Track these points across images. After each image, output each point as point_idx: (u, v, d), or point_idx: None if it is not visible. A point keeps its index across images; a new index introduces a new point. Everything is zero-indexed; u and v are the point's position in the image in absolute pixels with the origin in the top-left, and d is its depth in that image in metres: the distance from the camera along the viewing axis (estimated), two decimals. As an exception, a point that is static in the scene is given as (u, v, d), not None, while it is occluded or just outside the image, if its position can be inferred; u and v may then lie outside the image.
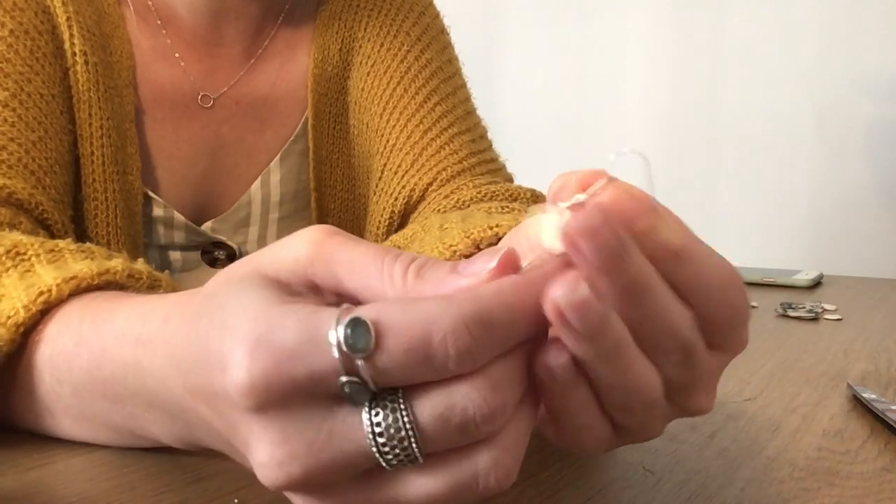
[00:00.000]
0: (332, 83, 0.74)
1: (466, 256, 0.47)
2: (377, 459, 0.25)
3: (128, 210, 0.65)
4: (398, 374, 0.24)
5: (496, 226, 0.48)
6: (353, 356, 0.24)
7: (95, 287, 0.39)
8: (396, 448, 0.25)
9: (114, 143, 0.64)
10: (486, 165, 0.72)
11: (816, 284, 0.94)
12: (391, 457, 0.25)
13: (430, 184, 0.69)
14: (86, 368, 0.35)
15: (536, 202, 0.64)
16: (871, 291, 0.90)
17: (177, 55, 0.69)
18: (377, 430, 0.25)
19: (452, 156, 0.70)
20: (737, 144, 1.66)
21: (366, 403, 0.25)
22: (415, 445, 0.25)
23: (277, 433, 0.25)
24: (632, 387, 0.27)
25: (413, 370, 0.24)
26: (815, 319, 0.73)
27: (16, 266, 0.41)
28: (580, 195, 0.27)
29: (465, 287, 0.26)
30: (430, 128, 0.71)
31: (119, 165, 0.65)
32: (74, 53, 0.62)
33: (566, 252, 0.25)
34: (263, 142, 0.72)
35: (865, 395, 0.47)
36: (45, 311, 0.38)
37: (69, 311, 0.37)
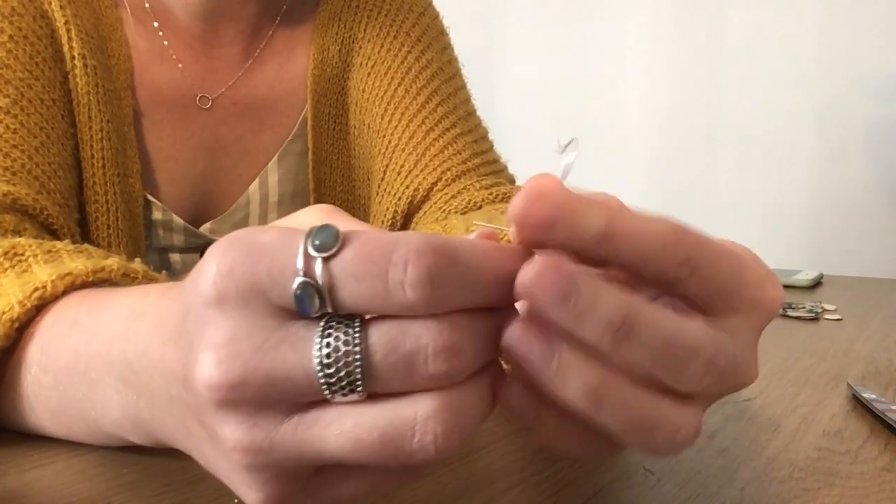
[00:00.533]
0: (332, 83, 0.74)
1: None
2: (318, 383, 0.24)
3: (129, 212, 0.66)
4: (352, 286, 0.24)
5: None
6: (316, 256, 0.24)
7: (90, 284, 0.39)
8: (341, 371, 0.24)
9: (114, 146, 0.64)
10: (490, 166, 0.72)
11: (816, 284, 0.94)
12: (333, 380, 0.24)
13: (435, 184, 0.69)
14: (73, 349, 0.35)
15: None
16: (871, 291, 0.90)
17: (174, 57, 0.69)
18: (325, 352, 0.24)
19: (456, 156, 0.70)
20: (737, 144, 1.66)
21: (321, 324, 0.24)
22: (358, 369, 0.24)
23: (229, 330, 0.25)
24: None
25: (367, 284, 0.24)
26: (815, 319, 0.73)
27: (13, 266, 0.41)
28: (508, 229, 0.26)
29: None
30: (433, 128, 0.71)
31: (119, 168, 0.65)
32: (73, 57, 0.62)
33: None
34: (262, 142, 0.72)
35: (865, 395, 0.47)
36: (40, 307, 0.38)
37: (65, 304, 0.38)
